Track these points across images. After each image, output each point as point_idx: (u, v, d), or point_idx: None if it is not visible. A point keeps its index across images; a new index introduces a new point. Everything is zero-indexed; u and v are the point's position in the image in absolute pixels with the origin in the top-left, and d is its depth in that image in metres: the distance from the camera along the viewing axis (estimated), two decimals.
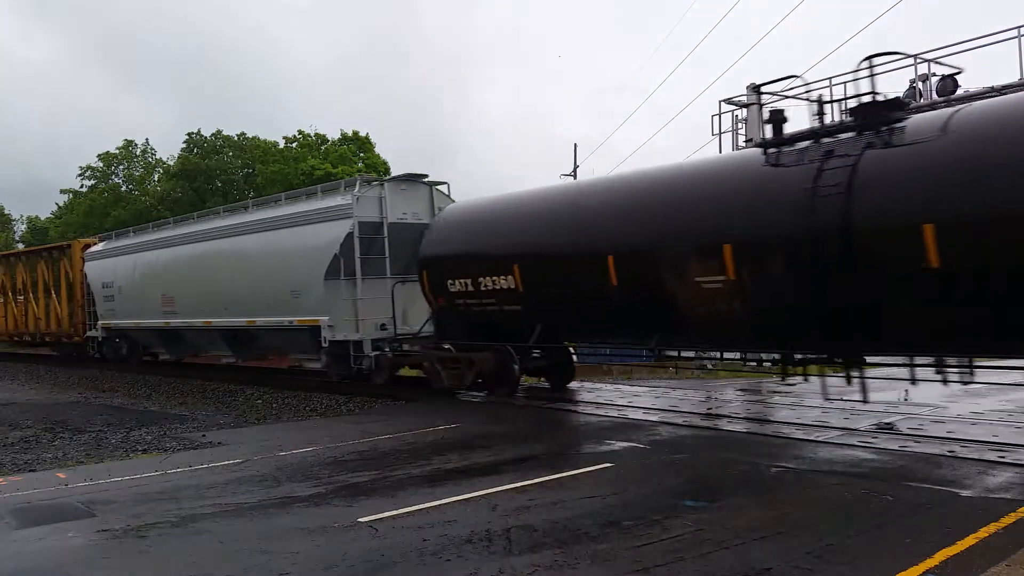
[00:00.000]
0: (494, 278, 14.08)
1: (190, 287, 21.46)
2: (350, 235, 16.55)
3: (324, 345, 16.99)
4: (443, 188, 18.25)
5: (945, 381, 9.31)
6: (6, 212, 66.58)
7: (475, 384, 14.85)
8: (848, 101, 10.16)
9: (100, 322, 26.33)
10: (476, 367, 14.49)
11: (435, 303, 15.64)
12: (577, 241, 12.73)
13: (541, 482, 7.98)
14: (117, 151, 49.03)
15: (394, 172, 25.67)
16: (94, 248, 27.59)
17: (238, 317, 19.61)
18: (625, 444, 10.07)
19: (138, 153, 49.57)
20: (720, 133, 18.59)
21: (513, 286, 13.76)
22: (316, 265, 16.94)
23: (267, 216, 19.22)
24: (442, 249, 15.47)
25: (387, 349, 16.68)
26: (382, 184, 17.40)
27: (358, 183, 17.27)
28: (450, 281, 14.92)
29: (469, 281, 14.56)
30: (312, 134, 42.22)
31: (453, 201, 17.95)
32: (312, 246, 17.24)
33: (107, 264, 25.89)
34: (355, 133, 41.74)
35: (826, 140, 9.94)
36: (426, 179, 18.16)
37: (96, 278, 26.35)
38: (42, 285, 30.18)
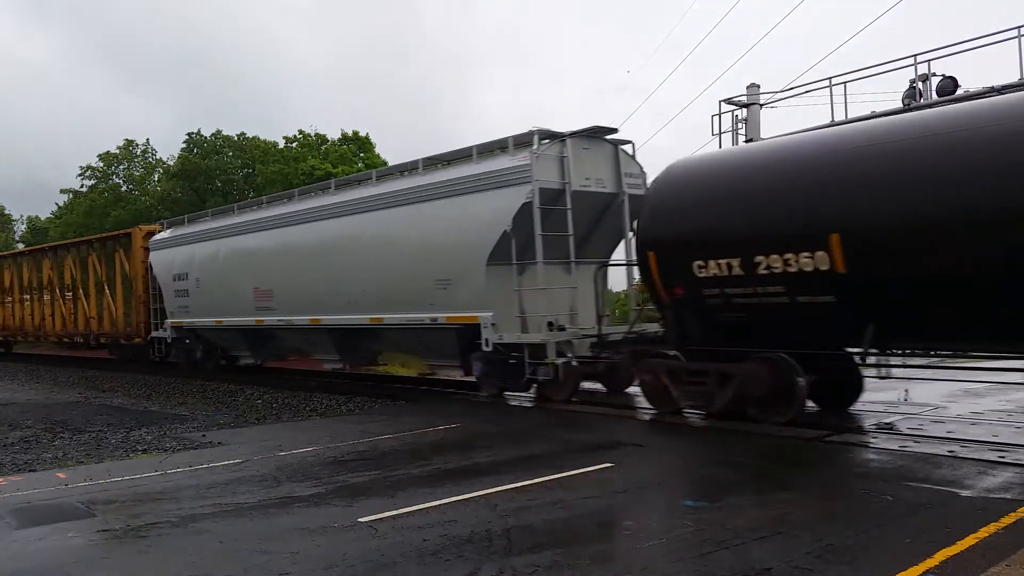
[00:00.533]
0: (787, 256, 10.00)
1: (294, 278, 17.89)
2: (527, 205, 13.01)
3: (485, 348, 13.56)
4: (627, 148, 14.48)
5: None
6: (6, 212, 66.66)
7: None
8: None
9: (169, 321, 22.72)
10: (737, 383, 10.63)
11: (665, 295, 11.64)
12: (983, 192, 8.49)
13: (541, 482, 7.98)
14: (117, 151, 49.00)
15: None
16: (160, 235, 23.68)
17: (359, 314, 16.15)
18: (624, 443, 10.06)
19: (138, 153, 49.53)
20: (720, 133, 18.61)
21: (826, 267, 9.68)
22: (477, 246, 13.60)
23: (402, 187, 15.62)
24: (683, 222, 11.35)
25: (569, 355, 13.22)
26: (563, 140, 13.48)
27: (536, 137, 13.33)
28: (699, 264, 10.88)
29: (737, 263, 10.45)
30: (312, 134, 42.15)
31: (640, 165, 14.56)
32: (472, 222, 13.79)
33: (179, 253, 22.16)
34: (355, 133, 41.65)
35: None
36: (612, 135, 14.29)
37: (164, 270, 22.77)
38: (94, 280, 27.00)
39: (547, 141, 13.56)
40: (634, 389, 13.42)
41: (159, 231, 24.15)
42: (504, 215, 13.25)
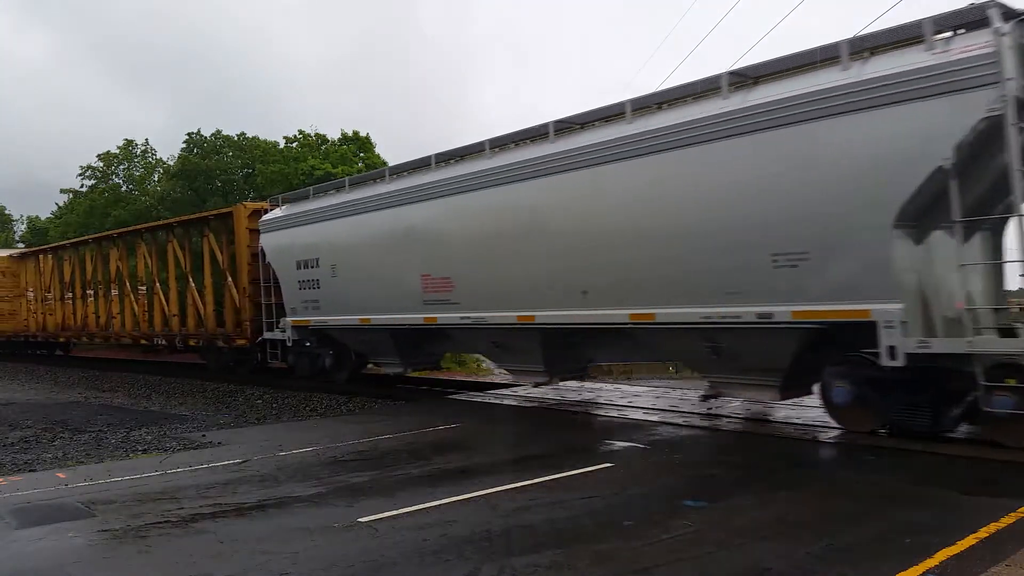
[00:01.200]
0: None
1: (489, 260, 13.29)
2: (990, 123, 8.21)
3: (889, 361, 8.82)
4: None
5: None
6: (7, 212, 66.81)
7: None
8: None
9: (289, 319, 18.21)
10: None
11: None
12: None
13: (541, 482, 7.98)
14: (117, 151, 49.06)
15: None
16: (274, 213, 18.97)
17: (607, 308, 11.57)
18: (625, 444, 10.07)
19: (138, 153, 49.59)
20: None
21: None
22: (870, 197, 8.89)
23: (689, 119, 10.50)
24: None
25: None
26: (1022, 20, 8.46)
27: (997, 14, 8.32)
28: None
29: None
30: (312, 134, 42.15)
31: None
32: (854, 159, 9.01)
33: (304, 234, 17.55)
34: (355, 133, 41.63)
35: None
36: None
37: (282, 256, 18.28)
38: (174, 271, 23.13)
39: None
40: None
41: (268, 209, 19.63)
42: (933, 142, 8.44)
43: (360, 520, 6.84)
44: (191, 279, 22.24)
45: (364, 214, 15.95)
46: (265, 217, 19.21)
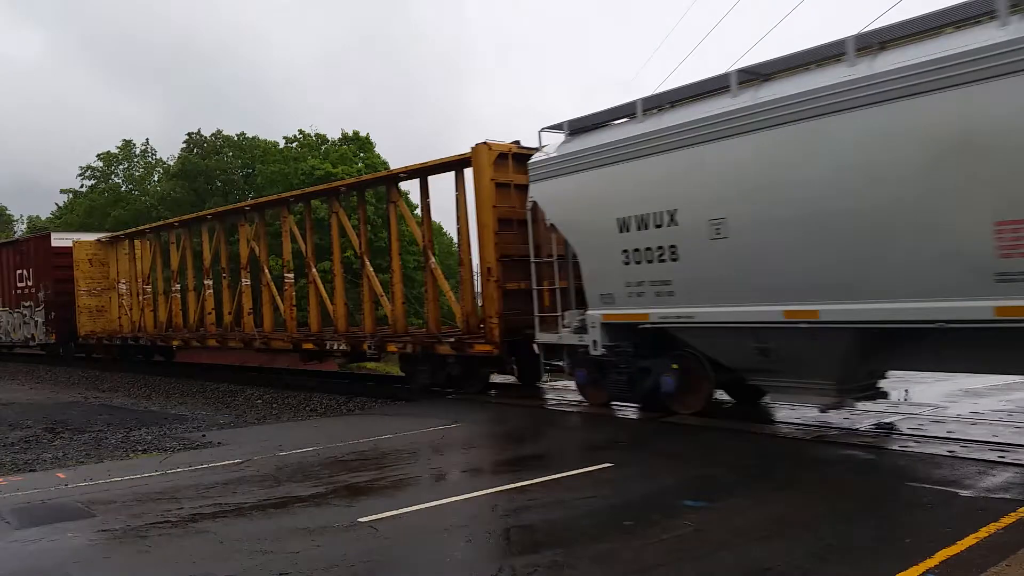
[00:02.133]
0: None
1: None
2: None
3: None
4: None
5: None
6: (7, 212, 66.95)
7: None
8: None
9: (599, 312, 11.90)
10: None
11: None
12: None
13: (541, 482, 7.98)
14: (117, 151, 49.16)
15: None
16: (548, 154, 12.58)
17: None
18: (625, 444, 10.07)
19: (138, 153, 49.71)
20: None
21: None
22: None
23: None
24: None
25: None
26: None
27: None
28: None
29: None
30: (312, 134, 42.21)
31: None
32: None
33: (630, 175, 11.12)
34: (355, 133, 41.67)
35: None
36: None
37: (581, 214, 12.07)
38: (339, 255, 17.68)
39: None
40: None
41: (518, 152, 13.81)
42: None
43: (360, 520, 6.84)
44: (367, 261, 16.71)
45: (803, 122, 9.14)
46: (537, 158, 12.75)
